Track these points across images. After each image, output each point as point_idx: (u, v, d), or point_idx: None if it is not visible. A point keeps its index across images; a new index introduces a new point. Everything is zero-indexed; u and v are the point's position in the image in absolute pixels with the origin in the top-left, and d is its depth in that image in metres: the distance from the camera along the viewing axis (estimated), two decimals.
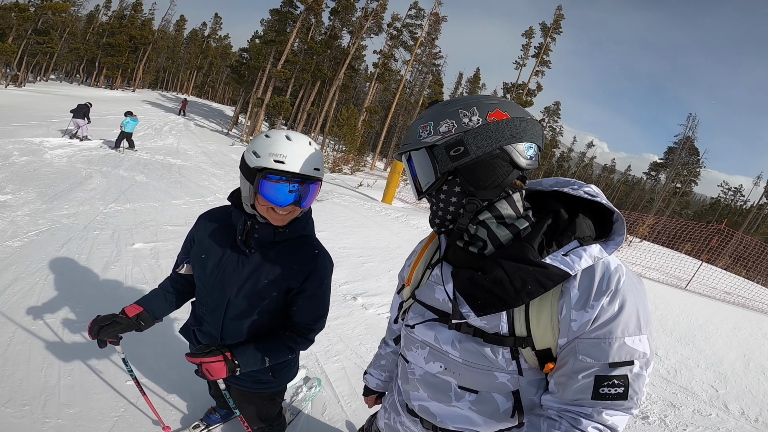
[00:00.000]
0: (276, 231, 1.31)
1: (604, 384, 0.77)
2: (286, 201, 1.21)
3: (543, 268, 0.78)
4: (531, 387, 0.89)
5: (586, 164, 60.54)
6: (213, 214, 1.44)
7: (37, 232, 4.19)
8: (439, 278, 0.94)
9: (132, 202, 6.09)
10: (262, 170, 1.18)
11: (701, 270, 9.96)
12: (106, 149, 11.16)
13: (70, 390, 2.17)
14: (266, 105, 27.28)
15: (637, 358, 0.77)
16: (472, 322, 0.87)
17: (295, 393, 2.49)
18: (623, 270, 0.80)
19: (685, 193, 39.18)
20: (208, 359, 1.28)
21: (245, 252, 1.33)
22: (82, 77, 44.95)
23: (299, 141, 1.21)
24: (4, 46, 27.37)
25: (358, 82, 40.14)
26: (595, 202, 0.86)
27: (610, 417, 0.78)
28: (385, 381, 1.33)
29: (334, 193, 11.59)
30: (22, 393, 2.08)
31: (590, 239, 0.81)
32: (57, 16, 32.20)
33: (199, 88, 62.19)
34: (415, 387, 1.01)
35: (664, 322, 5.67)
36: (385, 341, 1.33)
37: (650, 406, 3.30)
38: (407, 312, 1.03)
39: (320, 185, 1.31)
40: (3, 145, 8.60)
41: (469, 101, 0.83)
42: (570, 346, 0.80)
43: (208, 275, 1.37)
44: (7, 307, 2.77)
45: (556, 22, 31.46)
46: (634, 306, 0.78)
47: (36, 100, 20.96)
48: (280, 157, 1.16)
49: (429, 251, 1.05)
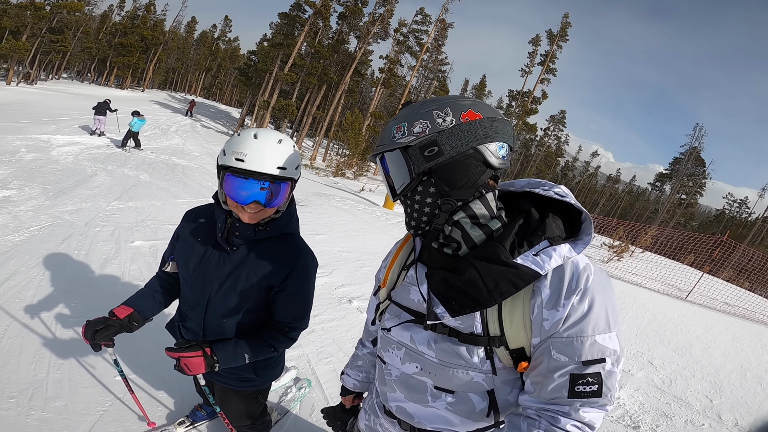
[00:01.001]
0: (256, 229, 1.31)
1: (578, 382, 0.78)
2: (248, 199, 1.21)
3: (514, 269, 0.79)
4: (506, 386, 0.90)
5: (591, 174, 60.27)
6: (198, 211, 1.45)
7: (38, 228, 4.25)
8: (414, 279, 0.94)
9: (134, 201, 6.16)
10: (226, 168, 1.21)
11: (703, 281, 9.90)
12: (113, 148, 11.29)
13: (58, 384, 2.19)
14: (272, 108, 27.47)
15: (608, 356, 0.79)
16: (447, 322, 0.87)
17: (284, 393, 2.49)
18: (591, 269, 0.81)
19: (689, 205, 38.86)
20: (187, 354, 1.28)
21: (227, 249, 1.34)
22: (93, 76, 45.34)
23: (266, 139, 1.20)
24: (18, 44, 27.62)
25: (364, 87, 40.30)
26: (564, 203, 0.87)
27: (587, 414, 0.79)
28: (362, 381, 1.34)
29: (335, 197, 11.65)
30: (10, 386, 2.10)
31: (560, 239, 0.83)
32: (71, 15, 32.35)
33: (207, 89, 62.70)
34: (392, 388, 1.02)
35: (661, 332, 5.65)
36: (362, 342, 1.33)
37: (642, 415, 3.28)
38: (383, 313, 1.03)
39: (291, 185, 1.29)
40: (11, 142, 8.74)
41: (443, 101, 0.85)
42: (544, 346, 0.81)
43: (191, 272, 1.38)
44: (3, 301, 2.80)
45: (563, 29, 31.57)
46: (603, 304, 0.80)
47: (47, 98, 21.21)
48: (241, 155, 1.17)
49: (404, 252, 1.06)
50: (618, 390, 0.90)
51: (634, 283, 9.11)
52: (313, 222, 7.22)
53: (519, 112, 32.82)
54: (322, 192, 12.51)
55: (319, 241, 6.07)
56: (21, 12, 30.01)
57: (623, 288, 8.05)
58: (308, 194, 11.04)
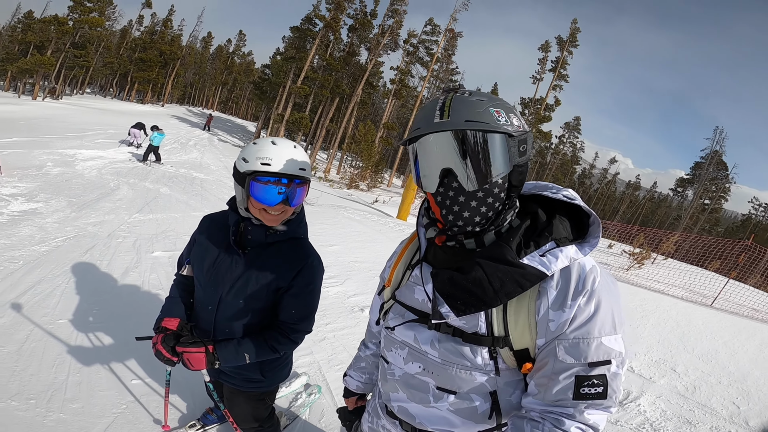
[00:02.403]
0: (267, 232, 1.38)
1: (584, 384, 0.78)
2: (275, 200, 1.29)
3: (521, 269, 0.79)
4: (508, 388, 0.89)
5: (609, 181, 59.10)
6: (213, 217, 1.54)
7: (63, 239, 4.43)
8: (419, 279, 0.94)
9: (155, 213, 6.36)
10: (252, 173, 1.27)
11: (730, 288, 9.56)
12: (135, 162, 11.68)
13: (76, 386, 2.26)
14: (286, 121, 27.96)
15: (614, 357, 0.78)
16: (452, 322, 0.87)
17: (295, 398, 2.51)
18: (598, 271, 0.81)
19: (714, 210, 37.63)
20: (190, 349, 1.35)
21: (238, 252, 1.40)
22: (115, 91, 46.78)
23: (284, 145, 1.30)
24: (44, 59, 28.56)
25: (376, 98, 40.72)
26: (573, 205, 0.87)
27: (591, 416, 0.79)
28: (365, 383, 1.33)
29: (349, 209, 11.74)
30: (30, 387, 2.18)
31: (566, 240, 0.83)
32: (93, 30, 33.43)
33: (224, 103, 64.10)
34: (394, 388, 1.01)
35: (685, 339, 5.47)
36: (364, 344, 1.33)
37: (664, 423, 3.17)
38: (387, 313, 1.03)
39: (308, 186, 1.38)
40: (38, 156, 9.16)
41: (510, 105, 0.85)
42: (549, 347, 0.81)
43: (205, 273, 1.45)
44: (28, 307, 2.93)
45: (572, 35, 31.34)
46: (609, 306, 0.80)
47: (71, 113, 22.02)
48: (267, 159, 1.26)
49: (409, 252, 1.05)
50: (621, 393, 0.87)
51: (657, 290, 8.85)
52: (327, 233, 7.29)
53: (532, 119, 32.56)
54: (336, 204, 12.63)
55: (332, 251, 6.12)
56: (45, 27, 31.31)
57: (645, 296, 7.83)
58: (323, 206, 11.18)
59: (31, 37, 31.68)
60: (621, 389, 0.80)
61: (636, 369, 4.11)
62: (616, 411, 3.11)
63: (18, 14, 45.62)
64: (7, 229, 4.40)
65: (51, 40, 31.36)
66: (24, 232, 4.38)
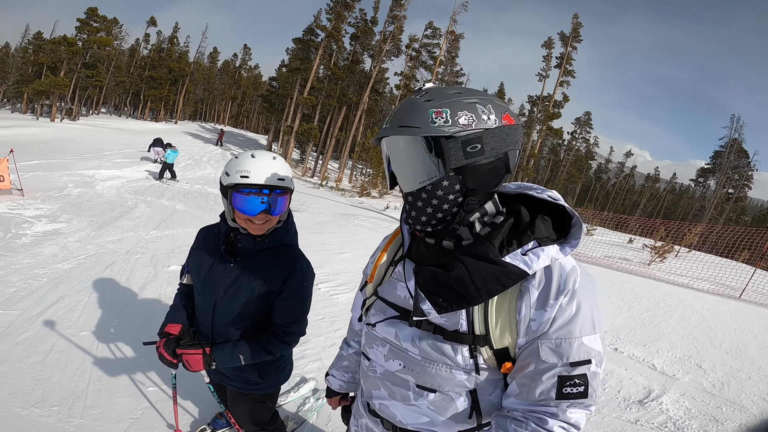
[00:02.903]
0: (256, 240, 1.46)
1: (566, 384, 0.79)
2: (257, 210, 1.37)
3: (503, 267, 0.79)
4: (488, 387, 0.89)
5: (627, 174, 57.80)
6: (208, 228, 1.64)
7: (85, 256, 4.61)
8: (402, 275, 0.93)
9: (171, 229, 6.53)
10: (234, 186, 1.36)
11: (759, 278, 9.15)
12: (152, 180, 12.02)
13: (96, 394, 2.38)
14: (295, 132, 28.27)
15: (594, 357, 0.79)
16: (433, 319, 0.86)
17: (303, 403, 2.55)
18: (578, 271, 0.82)
19: (738, 199, 36.43)
20: (188, 351, 1.43)
21: (230, 260, 1.49)
22: (129, 110, 47.60)
23: (262, 157, 1.38)
24: (58, 79, 29.25)
25: (384, 105, 40.82)
26: (556, 206, 0.87)
27: (573, 415, 0.80)
28: (348, 382, 1.32)
29: (360, 216, 11.79)
30: (53, 395, 2.30)
31: (548, 240, 0.82)
32: (102, 50, 33.64)
33: (235, 118, 64.55)
34: (375, 385, 1.01)
35: (711, 334, 5.27)
36: (347, 342, 1.32)
37: (688, 421, 3.07)
38: (369, 309, 1.02)
39: (290, 196, 1.45)
40: (59, 178, 9.53)
41: (484, 98, 0.82)
42: (531, 347, 0.81)
43: (201, 280, 1.55)
44: (53, 320, 3.08)
45: (575, 30, 30.81)
46: (589, 306, 0.80)
47: (89, 133, 22.72)
48: (245, 172, 1.34)
49: (392, 248, 1.04)
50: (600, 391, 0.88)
51: (680, 284, 8.58)
52: (338, 241, 7.33)
53: (541, 117, 32.17)
54: (347, 212, 12.69)
55: (343, 259, 6.15)
56: (55, 47, 32.07)
57: (668, 290, 7.59)
58: (334, 215, 11.26)
59: (43, 58, 32.40)
60: (600, 388, 0.81)
61: (659, 366, 3.99)
62: (595, 409, 3.05)
63: (27, 35, 46.72)
64: (32, 249, 4.60)
65: (63, 61, 31.73)
66: (47, 252, 4.57)
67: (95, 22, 33.38)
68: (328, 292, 4.67)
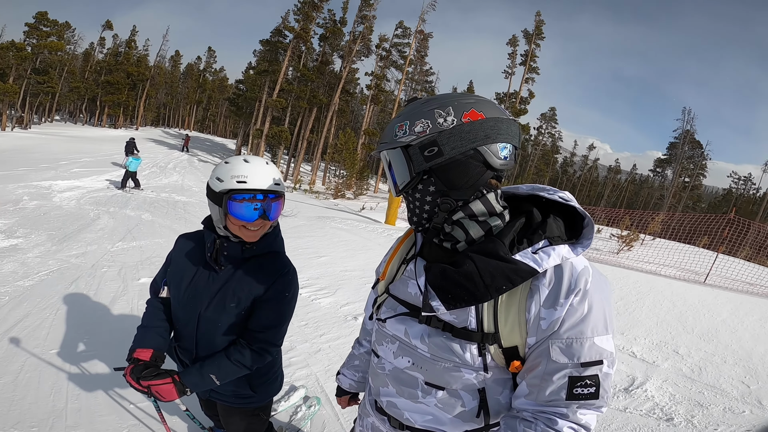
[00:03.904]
0: (244, 248, 1.40)
1: (577, 384, 0.78)
2: (254, 216, 1.31)
3: (512, 264, 0.79)
4: (497, 386, 0.89)
5: (591, 167, 60.31)
6: (188, 235, 1.54)
7: (47, 272, 4.30)
8: (413, 273, 0.95)
9: (138, 240, 6.19)
10: (228, 192, 1.29)
11: (721, 263, 9.69)
12: (113, 189, 11.39)
13: (77, 413, 2.28)
14: (266, 135, 27.70)
15: (606, 358, 0.79)
16: (442, 316, 0.87)
17: (295, 412, 2.50)
18: (590, 270, 0.82)
19: (694, 187, 38.76)
20: (156, 382, 1.32)
21: (215, 269, 1.42)
22: (85, 117, 44.46)
23: (256, 162, 1.33)
24: (6, 86, 27.39)
25: (355, 106, 40.63)
26: (568, 207, 0.88)
27: (584, 416, 0.80)
28: (358, 381, 1.32)
29: (336, 219, 11.64)
30: (30, 416, 2.19)
31: (559, 240, 0.83)
32: (54, 55, 31.92)
33: (200, 122, 62.43)
34: (384, 382, 1.01)
35: (683, 319, 5.51)
36: (359, 341, 1.32)
37: (674, 407, 3.16)
38: (381, 307, 1.03)
39: (283, 200, 1.41)
40: (13, 191, 8.86)
41: (446, 100, 0.84)
42: (542, 347, 0.81)
43: (183, 291, 1.45)
44: (19, 339, 2.93)
45: (538, 28, 31.65)
46: (601, 306, 0.80)
47: (43, 142, 21.41)
48: (242, 177, 1.28)
49: (405, 247, 1.06)
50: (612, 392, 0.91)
51: (648, 271, 8.97)
52: (315, 245, 7.20)
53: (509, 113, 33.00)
54: (323, 215, 12.51)
55: (322, 262, 6.03)
56: (3, 53, 29.93)
57: (637, 278, 7.91)
58: (309, 218, 11.07)
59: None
60: (611, 389, 0.81)
61: (638, 354, 4.11)
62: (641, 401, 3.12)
63: None
64: None
65: (11, 67, 29.97)
66: (6, 269, 4.27)
67: (45, 27, 31.50)
68: (309, 297, 4.56)
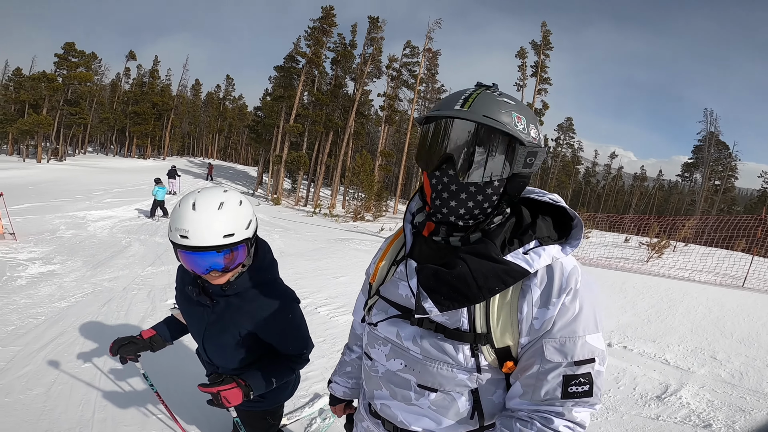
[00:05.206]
0: (223, 287, 1.34)
1: (572, 383, 0.79)
2: (203, 272, 1.23)
3: (504, 265, 0.80)
4: (490, 386, 0.89)
5: (615, 175, 58.72)
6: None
7: (82, 295, 4.59)
8: (404, 274, 0.93)
9: (167, 265, 6.45)
10: (173, 244, 1.21)
11: (760, 266, 9.16)
12: (143, 218, 11.88)
13: (102, 423, 2.42)
14: (285, 161, 28.22)
15: (597, 355, 0.80)
16: (434, 317, 0.87)
17: (310, 424, 2.55)
18: (579, 270, 0.83)
19: (727, 190, 37.13)
20: (224, 387, 1.31)
21: (206, 303, 1.41)
22: (116, 148, 46.12)
23: (205, 209, 1.19)
24: (41, 118, 28.50)
25: (370, 127, 40.97)
26: (557, 208, 0.89)
27: (579, 414, 0.80)
28: (352, 388, 1.29)
29: (355, 240, 11.81)
30: (59, 425, 2.33)
31: (549, 240, 0.84)
32: (83, 86, 32.95)
33: (223, 150, 63.27)
34: (377, 385, 1.01)
35: (720, 324, 5.24)
36: (349, 347, 1.29)
37: (713, 413, 3.01)
38: (371, 309, 1.02)
39: (247, 245, 1.29)
40: (50, 220, 9.43)
41: (535, 116, 0.86)
42: (535, 347, 0.82)
43: (187, 320, 1.56)
44: (54, 355, 3.14)
45: (545, 38, 31.05)
46: (591, 305, 0.82)
47: (77, 174, 22.53)
48: (184, 231, 1.16)
49: (394, 248, 1.04)
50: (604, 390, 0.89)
51: (681, 278, 8.59)
52: (334, 266, 7.43)
53: None
54: (342, 237, 12.70)
55: (340, 282, 6.20)
56: (35, 84, 31.40)
57: (669, 285, 7.57)
58: (329, 241, 11.33)
59: (24, 96, 31.46)
60: (604, 387, 0.82)
61: (671, 361, 3.94)
62: (675, 409, 2.98)
63: (6, 72, 45.48)
64: (28, 290, 4.61)
65: (44, 98, 30.80)
66: (43, 292, 4.58)
67: (74, 57, 33.07)
68: (327, 315, 4.63)
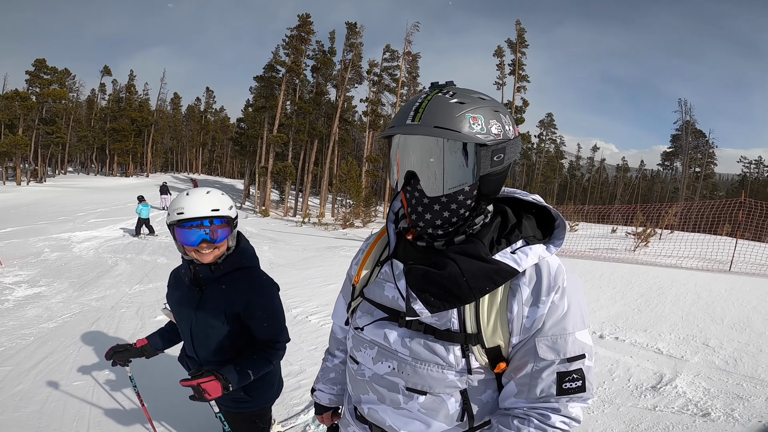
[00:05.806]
0: (212, 268, 1.58)
1: (566, 379, 0.81)
2: (196, 241, 1.50)
3: (494, 265, 0.81)
4: (479, 387, 0.89)
5: (598, 168, 59.78)
6: (178, 267, 1.81)
7: (70, 315, 4.56)
8: (390, 275, 0.91)
9: (154, 282, 6.37)
10: (173, 224, 1.52)
11: (746, 249, 9.27)
12: (129, 237, 11.66)
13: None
14: (271, 172, 27.95)
15: (587, 351, 0.82)
16: (423, 319, 0.86)
17: (304, 431, 2.58)
18: (563, 269, 0.85)
19: (707, 176, 38.14)
20: (204, 379, 1.44)
21: (196, 290, 1.63)
22: (96, 167, 44.79)
23: (196, 193, 1.55)
24: (17, 138, 27.79)
25: (355, 134, 40.88)
26: (540, 208, 0.91)
27: (574, 409, 0.82)
28: (337, 395, 1.24)
29: (344, 248, 11.76)
30: None
31: (534, 239, 0.85)
32: (58, 104, 32.54)
33: (207, 164, 61.57)
34: (364, 389, 0.98)
35: (710, 310, 5.24)
36: (330, 353, 1.25)
37: (710, 401, 2.99)
38: (355, 311, 1.00)
39: (231, 226, 1.58)
40: (34, 243, 9.24)
41: (502, 107, 0.84)
42: (527, 346, 0.82)
43: (177, 312, 1.72)
44: (45, 374, 3.20)
45: (520, 36, 31.38)
46: (578, 302, 0.83)
47: (58, 195, 22.07)
48: (180, 209, 1.49)
49: (378, 248, 1.02)
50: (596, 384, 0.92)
51: (669, 265, 8.69)
52: (324, 274, 7.38)
53: None
54: (332, 245, 12.61)
55: (331, 290, 6.18)
56: (9, 103, 30.30)
57: (657, 273, 7.64)
58: (319, 249, 11.28)
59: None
60: (595, 381, 0.84)
61: (664, 350, 3.93)
62: (672, 399, 3.00)
63: None
64: (15, 313, 4.59)
65: (19, 118, 30.09)
66: (31, 313, 4.57)
67: (45, 74, 32.26)
68: (318, 323, 4.57)
